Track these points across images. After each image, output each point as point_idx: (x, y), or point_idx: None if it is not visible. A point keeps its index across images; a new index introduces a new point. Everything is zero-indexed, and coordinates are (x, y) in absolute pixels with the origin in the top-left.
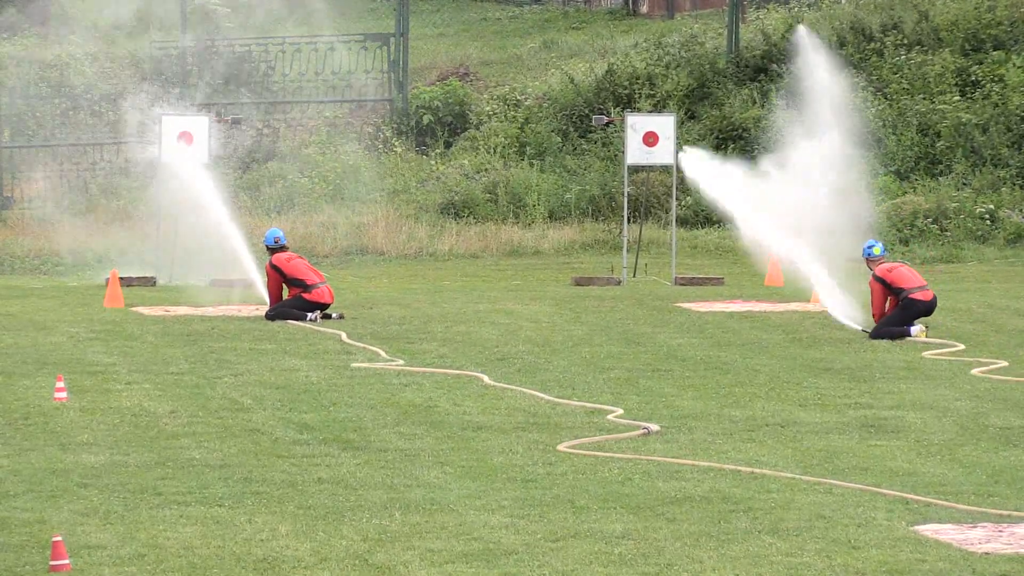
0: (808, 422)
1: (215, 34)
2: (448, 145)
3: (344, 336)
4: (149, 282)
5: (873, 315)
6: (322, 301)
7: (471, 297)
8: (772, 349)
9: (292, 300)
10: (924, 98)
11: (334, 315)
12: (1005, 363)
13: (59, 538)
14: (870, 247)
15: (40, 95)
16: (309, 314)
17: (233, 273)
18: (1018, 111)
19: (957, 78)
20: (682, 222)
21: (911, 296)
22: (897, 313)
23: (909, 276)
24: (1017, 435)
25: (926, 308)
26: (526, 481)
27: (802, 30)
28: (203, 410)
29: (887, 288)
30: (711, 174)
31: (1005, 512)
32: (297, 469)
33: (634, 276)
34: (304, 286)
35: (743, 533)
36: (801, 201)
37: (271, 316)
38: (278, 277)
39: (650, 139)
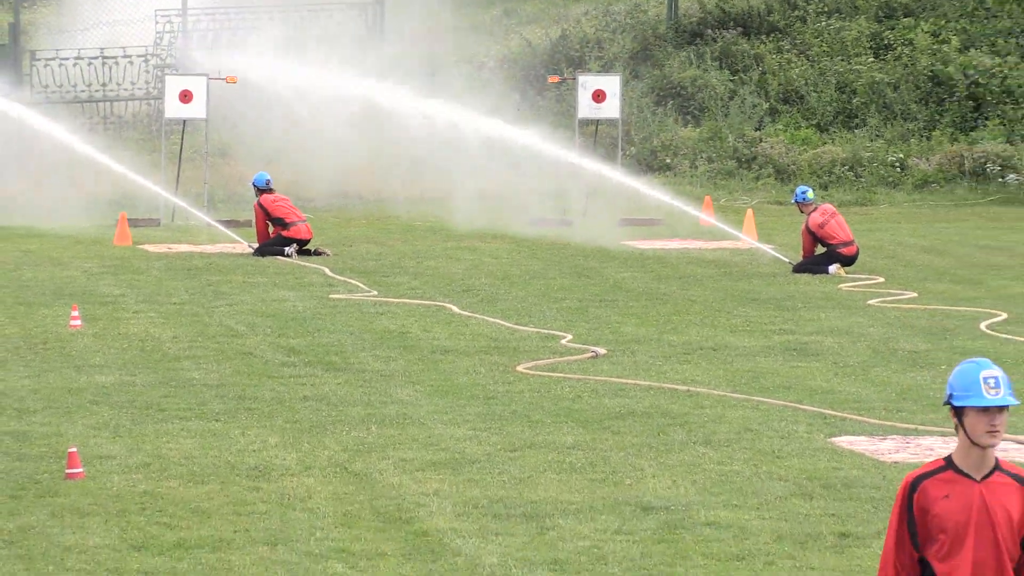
0: (737, 346)
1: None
2: None
3: (327, 270)
4: (154, 223)
5: (802, 256)
6: (299, 237)
7: (439, 236)
8: (705, 282)
9: (275, 238)
10: (842, 60)
11: (324, 252)
12: (914, 294)
13: (74, 449)
14: (803, 192)
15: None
16: (287, 248)
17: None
18: (925, 71)
19: (871, 42)
20: (632, 167)
21: (838, 251)
22: (822, 256)
23: (839, 232)
24: (923, 358)
25: (849, 261)
26: (488, 398)
27: None
28: (202, 336)
29: (817, 239)
30: None
31: (912, 426)
32: (285, 388)
33: (583, 217)
34: (284, 224)
35: (679, 444)
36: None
37: (259, 253)
38: (263, 215)
39: (598, 96)
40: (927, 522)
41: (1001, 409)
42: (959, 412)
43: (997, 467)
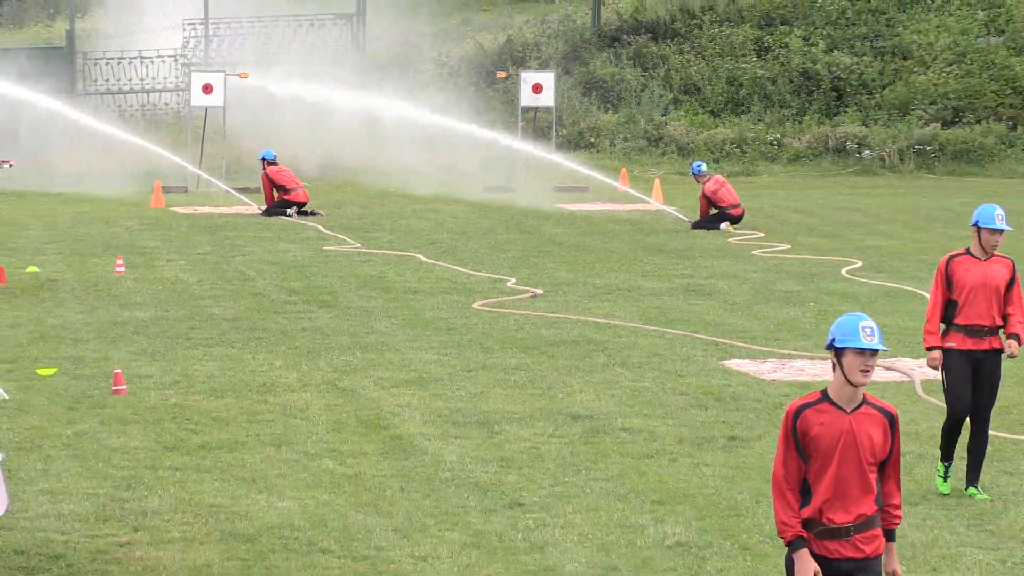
0: (647, 287)
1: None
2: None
3: (321, 227)
4: (182, 190)
5: (699, 215)
6: (299, 200)
7: (409, 201)
8: (622, 236)
9: (279, 202)
10: (731, 59)
11: (318, 212)
12: (788, 246)
13: (119, 370)
14: (698, 166)
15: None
16: (288, 209)
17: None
18: (797, 68)
19: (754, 45)
20: (563, 146)
21: (728, 212)
22: (714, 216)
23: (728, 197)
24: (795, 297)
25: (736, 220)
26: (448, 330)
27: None
28: (220, 279)
29: (712, 203)
30: None
31: (786, 351)
32: (287, 321)
33: (525, 185)
34: (286, 190)
35: (601, 366)
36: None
37: (266, 213)
38: (270, 183)
39: (537, 88)
40: (806, 443)
41: (874, 353)
42: (839, 353)
43: (865, 401)
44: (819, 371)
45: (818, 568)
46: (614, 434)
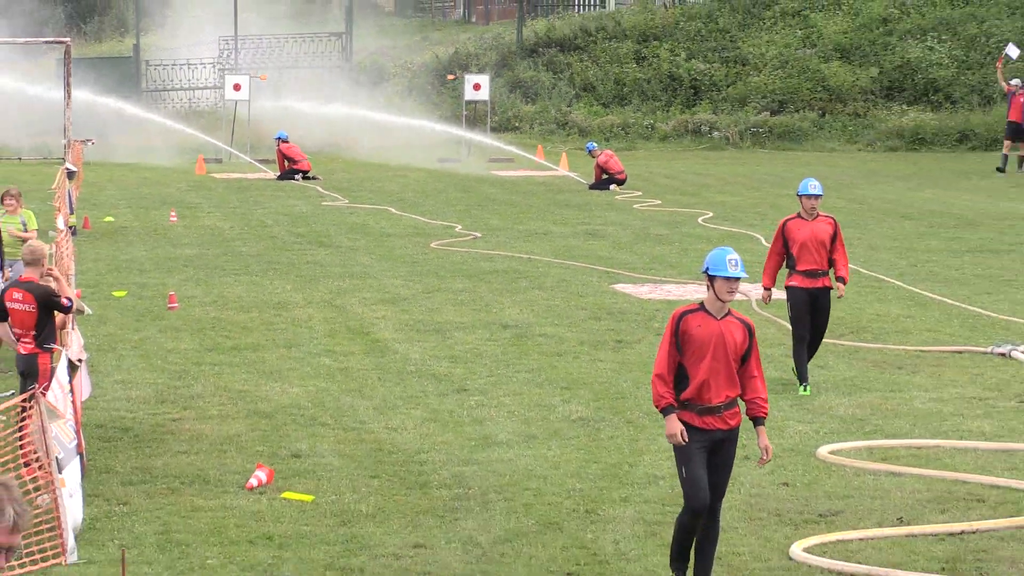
0: (557, 231)
1: None
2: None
3: (320, 188)
4: (218, 161)
5: (594, 180)
6: (303, 168)
7: (383, 169)
8: (539, 195)
9: (288, 170)
10: (617, 66)
11: (317, 177)
12: (659, 201)
13: (173, 292)
14: (591, 146)
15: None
16: (296, 176)
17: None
18: (665, 72)
19: (634, 55)
20: (495, 129)
21: (615, 177)
22: (605, 180)
23: (615, 166)
24: (665, 239)
25: (621, 183)
26: (413, 263)
27: None
28: (247, 226)
29: (603, 171)
30: None
31: (658, 278)
32: (295, 256)
33: (467, 158)
34: (294, 161)
35: (523, 288)
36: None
37: (280, 178)
38: (282, 156)
39: (476, 87)
40: (685, 341)
41: (737, 279)
42: (712, 279)
43: (729, 313)
44: (683, 292)
45: (683, 428)
46: (533, 338)
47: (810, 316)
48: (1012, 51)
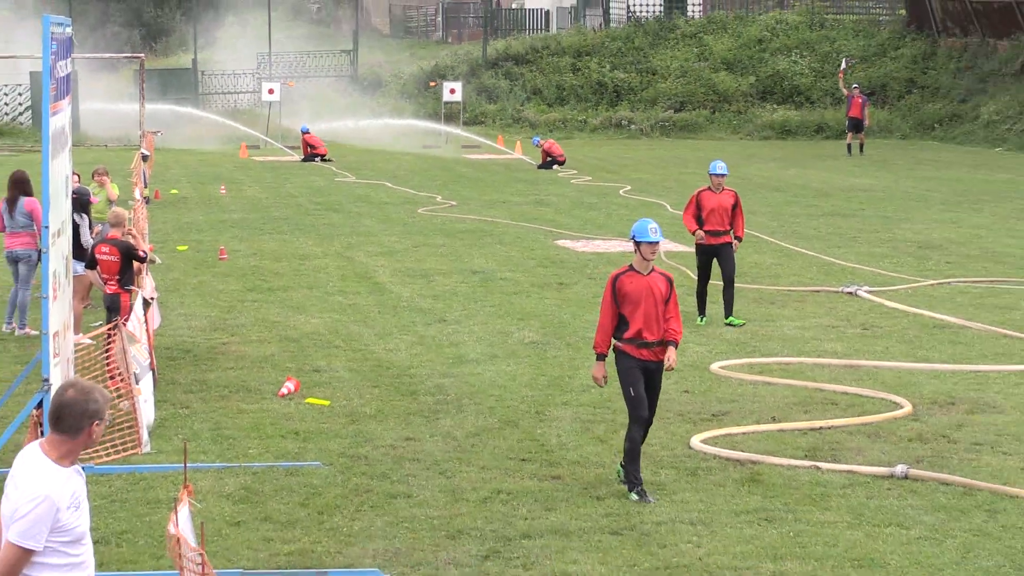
0: (513, 200)
1: None
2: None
3: (334, 168)
4: (257, 148)
5: (541, 162)
6: (322, 153)
7: (382, 155)
8: (500, 173)
9: (310, 154)
10: (557, 75)
11: (331, 160)
12: (590, 177)
13: (223, 247)
14: (536, 139)
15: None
16: (316, 159)
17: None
18: (594, 81)
19: (571, 67)
20: (466, 123)
21: (557, 159)
22: (550, 162)
23: (557, 150)
24: (594, 206)
25: (562, 164)
26: (404, 224)
27: None
28: (277, 196)
29: (548, 155)
30: None
31: (589, 236)
32: (314, 219)
33: (445, 145)
34: (314, 147)
35: (487, 244)
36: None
37: (303, 161)
38: (305, 144)
39: (452, 91)
40: (622, 296)
41: (657, 242)
42: (637, 244)
43: (653, 270)
44: (608, 246)
45: (607, 374)
46: (495, 281)
47: (711, 266)
48: (844, 64)
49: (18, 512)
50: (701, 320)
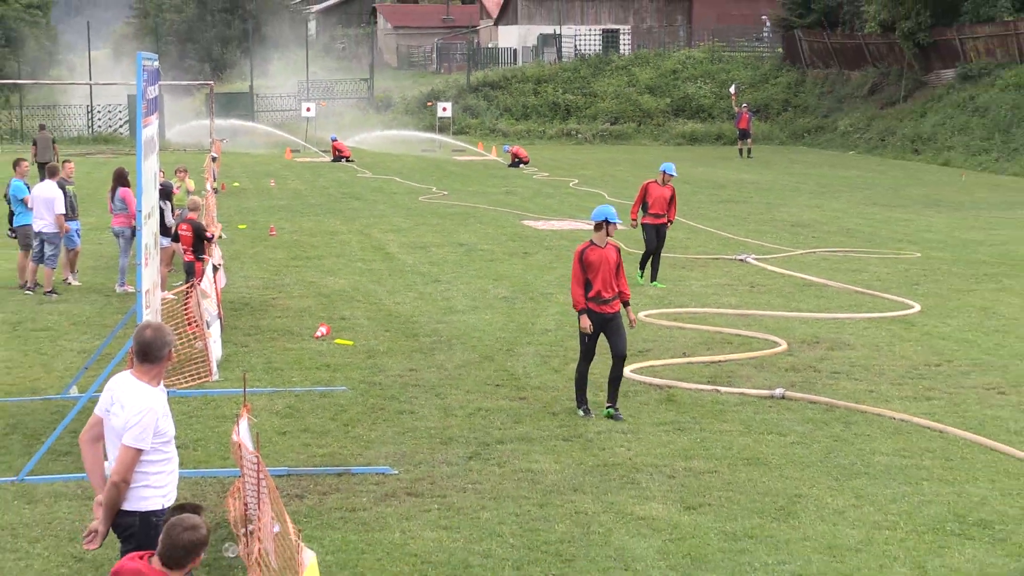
0: (490, 192)
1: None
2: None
3: (355, 166)
4: (298, 152)
5: (510, 162)
6: (347, 155)
7: (391, 158)
8: (480, 170)
9: (337, 156)
10: (522, 96)
11: (353, 160)
12: (547, 174)
13: (272, 226)
14: (506, 147)
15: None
16: (342, 160)
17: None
18: (551, 100)
19: (533, 91)
20: (455, 133)
21: (523, 160)
22: (517, 162)
23: (523, 154)
24: (552, 195)
25: (527, 163)
26: (409, 208)
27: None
28: (313, 188)
29: (516, 157)
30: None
31: (548, 218)
32: (342, 205)
33: (439, 150)
34: (341, 151)
35: (471, 222)
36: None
37: (332, 161)
38: (335, 149)
39: (444, 109)
40: (587, 264)
41: (614, 224)
42: (598, 224)
43: (608, 244)
44: (562, 226)
45: (591, 324)
46: (477, 251)
47: (656, 241)
48: (732, 89)
49: (129, 423)
50: (640, 279)
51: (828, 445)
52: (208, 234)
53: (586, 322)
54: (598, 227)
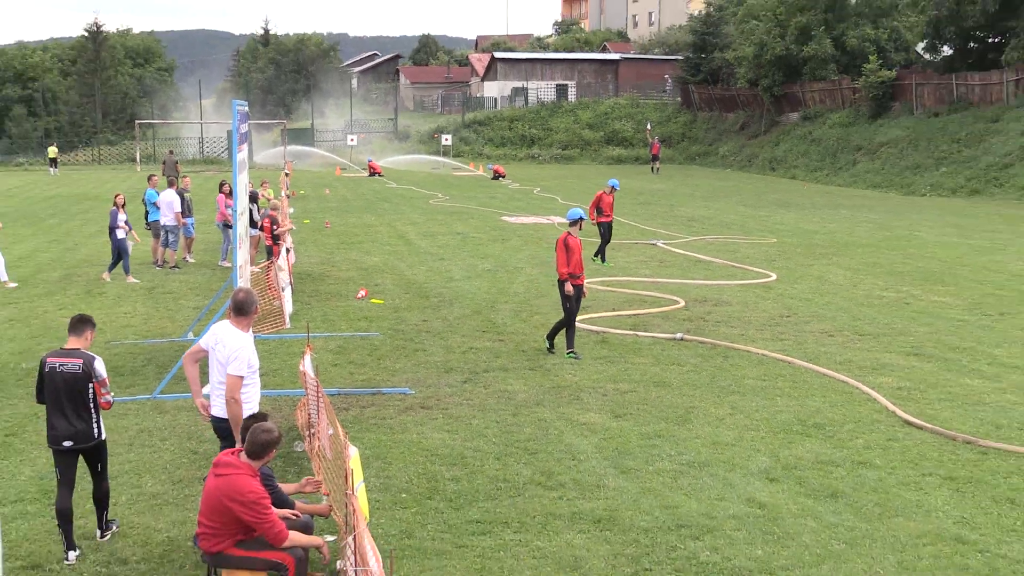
0: (479, 195)
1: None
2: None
3: (386, 180)
4: (345, 169)
5: (493, 176)
6: (379, 172)
7: (407, 173)
8: (471, 183)
9: (372, 172)
10: (501, 131)
11: (383, 175)
12: (518, 184)
13: (328, 220)
14: (490, 166)
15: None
16: (376, 175)
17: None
18: (519, 133)
19: (508, 126)
20: (454, 157)
21: (501, 175)
22: (496, 176)
23: (502, 170)
24: (521, 199)
25: (503, 177)
26: (423, 209)
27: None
28: (355, 195)
29: (496, 172)
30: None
31: (520, 214)
32: (375, 206)
33: (441, 168)
34: (375, 169)
35: (465, 219)
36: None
37: (369, 176)
38: (371, 167)
39: (446, 139)
40: (568, 248)
41: (583, 220)
42: (573, 221)
43: (577, 234)
44: (534, 220)
45: (572, 289)
46: (470, 238)
47: (608, 235)
48: (648, 126)
49: (232, 355)
50: (596, 260)
51: (712, 372)
52: (276, 229)
53: (570, 288)
54: (573, 223)
